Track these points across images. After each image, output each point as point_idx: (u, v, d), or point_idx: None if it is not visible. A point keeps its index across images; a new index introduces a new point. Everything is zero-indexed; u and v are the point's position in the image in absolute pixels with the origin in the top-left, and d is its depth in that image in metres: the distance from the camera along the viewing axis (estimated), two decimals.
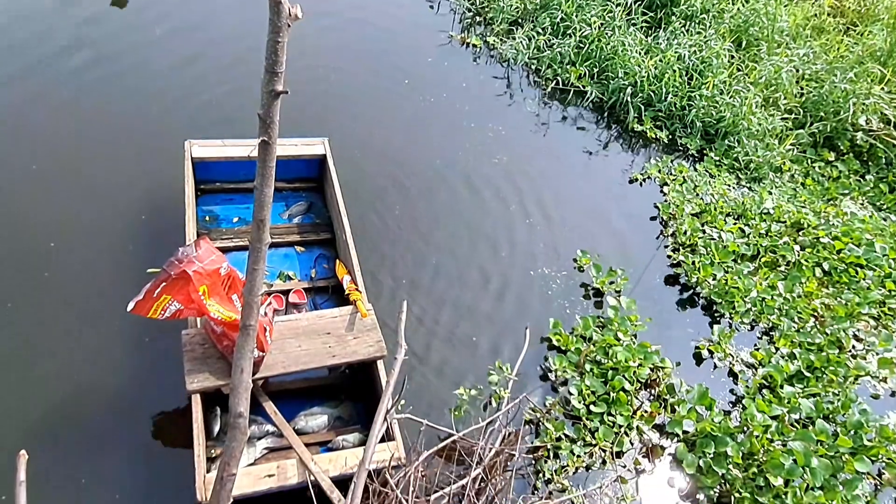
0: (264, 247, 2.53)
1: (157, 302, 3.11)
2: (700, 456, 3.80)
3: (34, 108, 4.77)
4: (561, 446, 3.70)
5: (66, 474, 3.10)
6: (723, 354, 4.51)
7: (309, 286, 4.17)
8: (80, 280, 3.88)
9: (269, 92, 2.24)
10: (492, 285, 4.58)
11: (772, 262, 5.17)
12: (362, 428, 3.49)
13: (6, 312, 3.65)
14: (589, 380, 4.03)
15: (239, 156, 4.36)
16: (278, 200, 4.55)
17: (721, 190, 5.75)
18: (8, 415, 3.24)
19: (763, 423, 3.93)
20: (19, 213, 4.14)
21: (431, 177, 5.23)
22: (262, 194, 2.46)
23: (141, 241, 4.14)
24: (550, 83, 6.42)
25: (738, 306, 4.79)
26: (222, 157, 4.35)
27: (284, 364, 3.39)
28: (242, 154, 4.36)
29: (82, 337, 3.63)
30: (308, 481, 3.02)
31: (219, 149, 4.35)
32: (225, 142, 4.39)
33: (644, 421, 3.94)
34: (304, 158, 4.61)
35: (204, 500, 2.83)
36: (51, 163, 4.45)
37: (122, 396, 3.43)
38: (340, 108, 5.52)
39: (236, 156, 4.36)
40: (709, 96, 6.19)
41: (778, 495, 3.63)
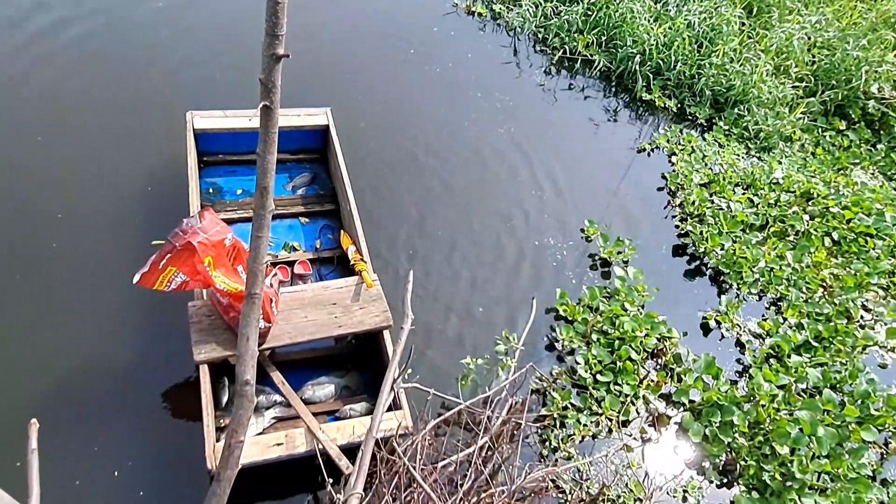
0: (268, 214, 2.53)
1: (163, 274, 3.13)
2: (706, 425, 3.83)
3: (36, 80, 4.75)
4: (567, 415, 3.74)
5: (79, 442, 3.16)
6: (730, 325, 4.52)
7: (314, 257, 4.19)
8: (86, 251, 3.90)
9: (270, 55, 2.22)
10: (498, 256, 4.59)
11: (780, 232, 5.15)
12: (369, 397, 3.53)
13: (16, 283, 3.69)
14: (595, 349, 4.06)
15: (241, 127, 4.35)
16: (281, 172, 4.55)
17: (730, 160, 5.71)
18: (20, 383, 3.30)
19: (770, 392, 3.95)
20: (26, 184, 4.15)
21: (437, 147, 5.21)
22: (264, 161, 2.45)
23: (146, 212, 4.15)
24: (557, 52, 6.35)
25: (746, 276, 4.79)
26: (224, 129, 4.33)
27: (291, 335, 3.42)
28: (244, 125, 4.35)
29: (91, 308, 3.67)
30: (316, 450, 3.07)
31: (220, 120, 4.34)
32: (226, 113, 4.37)
33: (650, 390, 3.97)
34: (307, 129, 4.59)
35: (214, 469, 2.88)
36: (54, 135, 4.45)
37: (131, 367, 3.47)
38: (343, 78, 5.48)
39: (238, 127, 4.35)
40: (719, 64, 6.11)
41: (783, 463, 3.67)
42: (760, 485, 3.65)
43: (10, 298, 3.62)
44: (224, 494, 2.40)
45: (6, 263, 3.76)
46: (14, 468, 2.87)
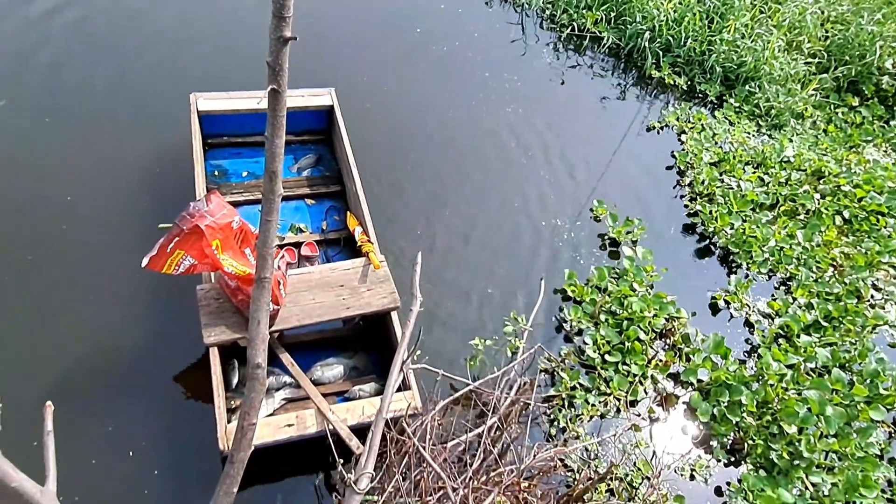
0: (277, 199, 2.55)
1: (171, 257, 3.16)
2: (714, 404, 3.88)
3: (40, 60, 4.78)
4: (576, 395, 3.79)
5: (93, 423, 3.24)
6: (739, 305, 4.54)
7: (320, 239, 4.22)
8: (96, 234, 3.96)
9: (278, 38, 2.23)
10: (506, 237, 4.61)
11: (791, 211, 5.15)
12: (377, 378, 3.58)
13: (27, 265, 3.75)
14: (604, 330, 4.10)
15: (245, 108, 4.36)
16: (286, 153, 4.55)
17: (740, 138, 5.69)
18: (34, 365, 3.36)
19: (778, 371, 3.99)
20: (35, 166, 4.20)
21: (443, 128, 5.21)
22: (273, 145, 2.47)
23: (153, 195, 4.19)
24: (566, 29, 6.30)
25: (756, 256, 4.80)
26: (229, 111, 4.34)
27: (299, 317, 3.46)
28: (249, 106, 4.36)
29: (101, 290, 3.72)
30: (327, 430, 3.12)
31: (225, 101, 4.35)
32: (230, 94, 4.38)
33: (659, 370, 4.01)
34: (312, 110, 4.60)
35: (226, 450, 2.94)
36: (63, 117, 4.49)
37: (142, 349, 3.53)
38: (348, 58, 5.47)
39: (243, 108, 4.36)
40: (730, 40, 6.06)
41: (791, 442, 3.72)
42: (768, 463, 3.71)
43: (23, 281, 3.68)
44: (238, 475, 2.46)
45: (18, 245, 3.82)
46: (31, 448, 2.93)
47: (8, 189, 4.06)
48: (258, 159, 4.54)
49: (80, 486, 2.98)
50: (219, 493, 2.45)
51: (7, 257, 3.77)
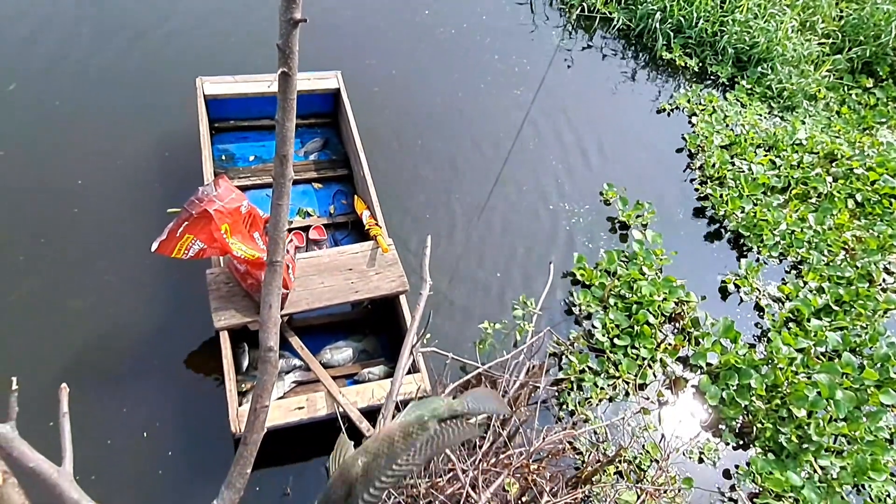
0: (288, 182, 2.57)
1: (181, 242, 3.21)
2: (723, 388, 3.92)
3: (48, 43, 4.82)
4: (584, 378, 3.83)
5: (108, 403, 3.32)
6: (749, 288, 4.57)
7: (328, 222, 4.26)
8: (107, 217, 4.01)
9: (288, 20, 2.24)
10: (515, 220, 4.64)
11: (803, 194, 5.15)
12: (387, 360, 3.64)
13: (40, 248, 3.81)
14: (613, 313, 4.13)
15: (252, 92, 4.38)
16: (294, 137, 4.60)
17: (752, 120, 5.68)
18: (47, 348, 3.43)
19: (788, 355, 4.02)
20: (46, 149, 4.25)
21: (452, 110, 5.22)
22: (283, 128, 2.48)
23: (162, 179, 4.24)
24: (575, 10, 6.28)
25: (767, 239, 4.82)
26: (235, 94, 4.37)
27: (308, 300, 3.52)
28: (255, 90, 4.38)
29: (113, 273, 3.79)
30: (337, 413, 3.18)
31: (231, 85, 4.37)
32: (236, 78, 4.40)
33: (668, 353, 4.05)
34: (318, 93, 4.62)
35: (238, 432, 3.01)
36: (72, 100, 4.53)
37: (154, 333, 3.60)
38: (355, 41, 5.47)
39: (249, 92, 4.38)
40: (742, 21, 6.03)
41: (800, 426, 3.76)
42: (776, 447, 3.75)
43: (36, 263, 3.74)
44: (251, 456, 2.51)
45: (31, 228, 3.88)
46: (47, 429, 3.00)
47: (20, 172, 4.12)
48: (265, 143, 4.58)
49: (96, 465, 3.05)
50: (232, 474, 2.50)
51: (21, 240, 3.83)
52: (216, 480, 2.85)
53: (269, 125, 4.61)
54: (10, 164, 4.15)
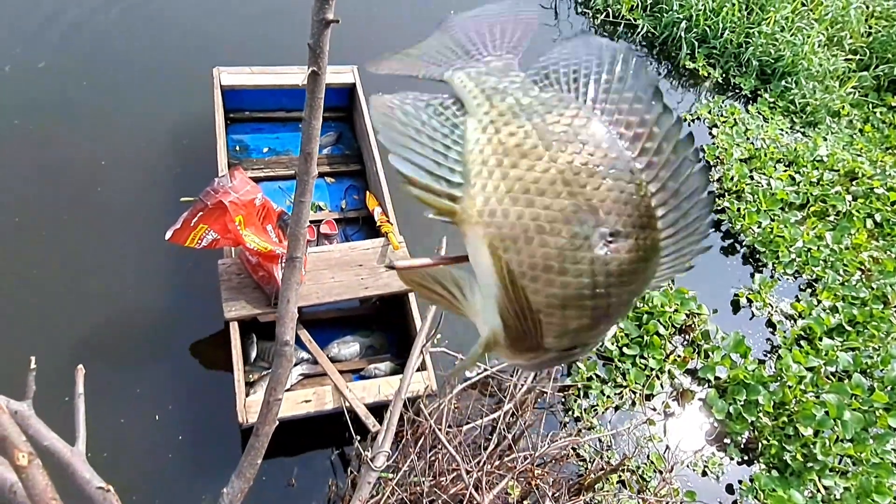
0: (311, 180, 2.68)
1: (194, 231, 3.34)
2: (730, 402, 4.04)
3: (72, 21, 5.00)
4: (591, 386, 3.96)
5: (122, 384, 3.47)
6: (762, 304, 4.69)
7: (339, 217, 4.39)
8: (126, 200, 4.17)
9: (320, 20, 2.37)
10: None
11: (821, 212, 5.27)
12: (393, 357, 3.78)
13: (62, 225, 3.99)
14: (623, 322, 4.25)
15: (268, 84, 4.51)
16: None
17: (773, 134, 5.80)
18: (64, 327, 3.60)
19: (798, 373, 4.13)
20: (75, 127, 4.43)
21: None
22: (309, 126, 2.60)
23: (181, 165, 4.40)
24: (600, 15, 6.41)
25: (783, 256, 4.93)
26: (251, 86, 4.49)
27: (318, 295, 3.65)
28: (271, 82, 4.52)
29: (128, 257, 3.95)
30: (343, 407, 3.32)
31: (247, 76, 4.50)
32: (253, 69, 4.53)
33: (676, 365, 4.18)
34: (333, 87, 4.73)
35: (245, 423, 3.15)
36: (101, 82, 4.71)
37: (166, 319, 3.75)
38: (378, 38, 5.58)
39: (265, 84, 4.51)
40: (768, 33, 6.15)
41: (806, 444, 3.87)
42: (781, 464, 3.87)
43: (58, 241, 3.92)
44: (262, 447, 2.64)
45: (56, 205, 4.06)
46: (62, 408, 3.13)
47: (49, 147, 4.30)
48: (279, 135, 4.72)
49: (109, 443, 3.20)
50: (243, 464, 2.64)
51: (46, 215, 4.00)
52: (223, 468, 3.01)
53: (284, 117, 4.76)
54: (40, 138, 4.32)
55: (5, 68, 4.62)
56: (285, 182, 4.48)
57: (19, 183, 4.11)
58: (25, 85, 4.56)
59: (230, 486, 2.63)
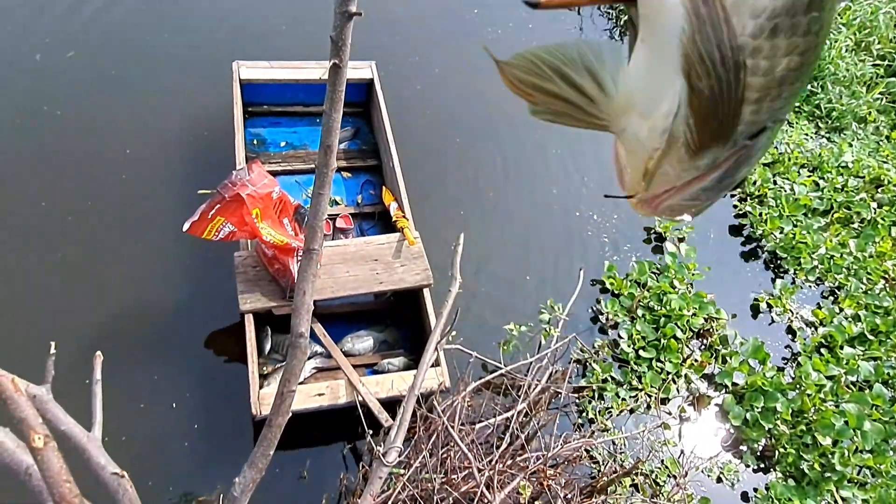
0: (330, 172, 2.73)
1: (212, 223, 3.42)
2: (748, 409, 4.05)
3: (107, 17, 5.12)
4: (606, 388, 3.99)
5: (141, 370, 3.57)
6: (782, 309, 4.69)
7: (355, 212, 4.46)
8: (147, 189, 4.28)
9: (343, 13, 2.43)
10: (547, 225, 4.81)
11: (845, 219, 5.26)
12: (406, 352, 3.84)
13: (86, 211, 4.11)
14: (640, 325, 4.28)
15: (286, 78, 4.58)
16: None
17: (797, 139, 5.79)
18: (83, 313, 3.71)
19: (818, 382, 4.13)
20: (103, 116, 4.56)
21: (491, 113, 5.38)
22: (330, 119, 2.65)
23: (199, 157, 4.49)
24: (623, 15, 6.43)
25: (805, 262, 4.93)
26: (270, 80, 4.57)
27: (333, 289, 3.71)
28: (289, 77, 4.59)
29: (147, 246, 4.06)
30: (356, 401, 3.37)
31: (266, 70, 4.57)
32: (272, 63, 4.60)
33: (693, 370, 4.19)
34: (351, 82, 4.75)
35: (259, 414, 3.21)
36: (127, 73, 4.82)
37: (181, 309, 3.84)
38: (401, 36, 5.63)
39: (283, 78, 4.58)
40: None
41: (824, 454, 3.87)
42: (798, 473, 3.88)
43: (81, 226, 4.04)
44: (275, 439, 2.70)
45: (82, 191, 4.18)
46: (80, 392, 3.20)
47: (77, 134, 4.42)
48: (296, 129, 4.79)
49: (128, 427, 3.31)
50: (255, 454, 2.69)
51: (71, 201, 4.12)
52: (236, 458, 3.07)
53: (302, 111, 4.84)
54: (68, 125, 4.45)
55: (36, 57, 4.76)
56: (302, 176, 4.55)
57: (46, 169, 4.23)
58: (55, 74, 4.69)
59: (242, 475, 2.68)
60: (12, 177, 4.16)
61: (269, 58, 4.63)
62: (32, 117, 4.43)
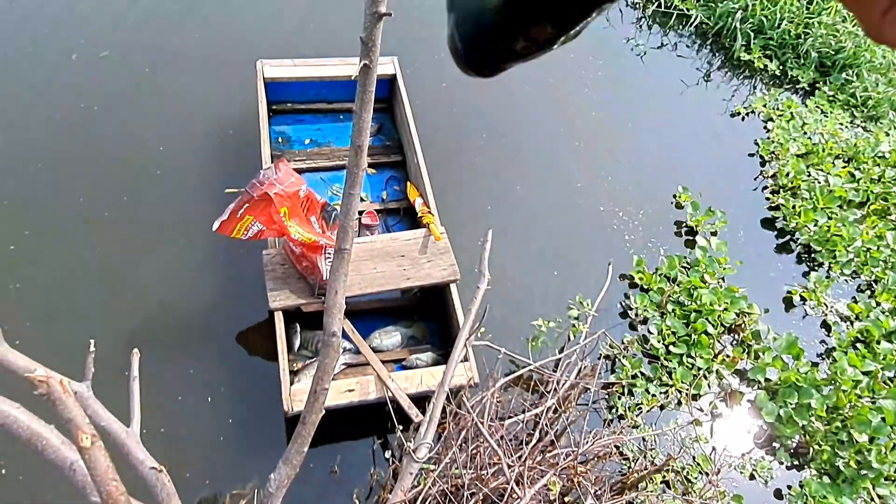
0: (361, 172, 2.82)
1: (241, 222, 3.52)
2: (781, 405, 4.07)
3: (136, 15, 5.30)
4: (636, 384, 4.04)
5: (177, 363, 3.72)
6: (815, 303, 4.70)
7: (380, 208, 4.55)
8: (179, 187, 4.43)
9: (372, 14, 2.51)
10: (575, 219, 4.86)
11: (882, 211, 5.24)
12: (434, 347, 3.93)
13: (123, 205, 4.29)
14: (670, 320, 4.32)
15: (310, 76, 4.69)
16: (348, 121, 4.92)
17: (832, 129, 5.77)
18: (120, 307, 3.87)
19: (853, 377, 4.14)
20: (138, 112, 4.76)
21: (515, 103, 5.45)
22: (360, 119, 2.74)
23: (225, 155, 4.63)
24: (652, 5, 6.45)
25: (840, 256, 4.93)
26: (293, 78, 4.67)
27: (361, 285, 3.80)
28: (313, 74, 4.69)
29: (179, 242, 4.20)
30: (386, 397, 3.47)
31: (289, 69, 4.68)
32: (296, 61, 4.71)
33: (725, 365, 4.23)
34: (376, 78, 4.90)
35: (290, 411, 3.32)
36: (158, 72, 4.99)
37: (213, 306, 3.96)
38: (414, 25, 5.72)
39: (307, 76, 4.68)
40: (829, 24, 6.12)
41: (860, 451, 3.88)
42: (833, 470, 3.90)
43: (117, 221, 4.21)
44: (309, 435, 2.80)
45: (119, 186, 4.36)
46: (118, 386, 3.33)
47: (112, 132, 4.61)
48: (320, 126, 4.90)
49: (166, 418, 3.47)
50: (290, 451, 2.80)
51: (107, 197, 4.30)
52: (268, 452, 3.19)
53: (326, 108, 4.94)
54: (103, 123, 4.64)
55: (72, 57, 4.97)
56: (327, 173, 4.66)
57: (84, 165, 4.42)
58: (91, 72, 4.90)
59: (277, 471, 2.79)
60: (53, 172, 4.34)
61: (291, 56, 4.74)
62: (70, 114, 4.63)
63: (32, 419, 2.33)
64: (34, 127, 4.53)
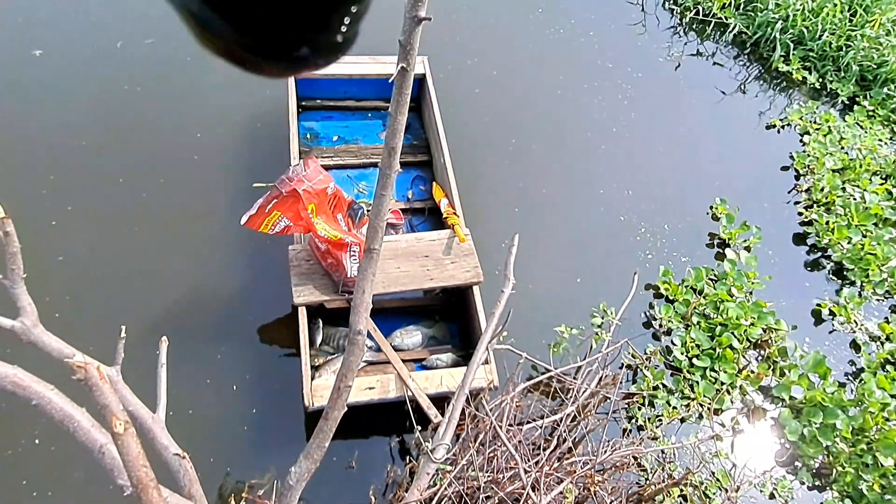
0: (394, 174, 2.94)
1: (269, 217, 3.67)
2: (805, 424, 4.13)
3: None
4: (657, 395, 4.12)
5: (205, 349, 3.90)
6: (845, 319, 4.74)
7: (405, 207, 4.67)
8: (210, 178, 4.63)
9: (412, 17, 2.64)
10: (602, 227, 4.95)
11: None
12: (454, 348, 4.05)
13: (160, 188, 4.52)
14: (695, 333, 4.39)
15: (339, 73, 4.83)
16: (376, 119, 5.06)
17: (871, 144, 5.80)
18: (150, 294, 4.06)
19: (881, 400, 4.18)
20: (178, 98, 5.01)
21: (549, 112, 5.55)
22: (395, 121, 2.86)
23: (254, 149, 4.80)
24: (689, 12, 6.52)
25: (873, 275, 4.96)
26: (323, 75, 4.80)
27: (384, 284, 3.92)
28: (343, 72, 4.83)
29: (209, 235, 4.38)
30: (406, 396, 3.59)
31: None
32: None
33: (749, 381, 4.29)
34: None
35: (310, 405, 3.45)
36: (198, 59, 5.17)
37: (240, 298, 4.14)
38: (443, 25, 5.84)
39: (336, 73, 4.82)
40: (872, 37, 6.14)
41: (885, 475, 3.92)
42: (856, 493, 3.94)
43: (153, 206, 4.43)
44: (330, 431, 2.92)
45: (158, 168, 4.60)
46: (143, 370, 3.48)
47: (153, 116, 4.87)
48: (348, 124, 5.03)
49: (193, 402, 3.65)
50: (311, 446, 2.92)
51: (147, 178, 4.55)
52: (288, 445, 3.34)
53: (354, 106, 5.09)
54: (146, 107, 4.90)
55: (118, 44, 5.25)
56: (354, 171, 4.79)
57: (125, 147, 4.67)
58: (136, 59, 5.18)
59: (298, 465, 2.92)
60: (96, 152, 4.59)
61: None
62: (114, 98, 4.90)
63: (66, 401, 2.46)
64: (81, 108, 4.81)
